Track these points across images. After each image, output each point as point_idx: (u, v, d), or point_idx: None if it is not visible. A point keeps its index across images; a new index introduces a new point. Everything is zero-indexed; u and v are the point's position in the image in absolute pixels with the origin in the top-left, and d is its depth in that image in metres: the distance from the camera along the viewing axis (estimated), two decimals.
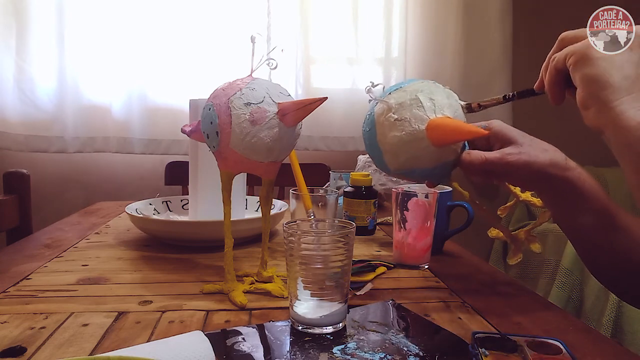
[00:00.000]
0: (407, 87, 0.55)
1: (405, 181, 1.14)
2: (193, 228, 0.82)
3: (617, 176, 1.91)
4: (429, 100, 0.53)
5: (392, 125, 0.53)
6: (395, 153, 0.54)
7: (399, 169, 0.56)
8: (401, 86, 0.56)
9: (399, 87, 0.56)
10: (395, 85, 0.57)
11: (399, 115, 0.53)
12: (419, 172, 0.55)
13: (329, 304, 0.48)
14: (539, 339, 0.45)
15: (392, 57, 1.85)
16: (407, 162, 0.54)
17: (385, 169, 0.57)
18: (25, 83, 1.65)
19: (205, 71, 1.71)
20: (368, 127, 0.57)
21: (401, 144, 0.53)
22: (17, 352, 0.44)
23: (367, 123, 0.57)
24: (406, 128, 0.52)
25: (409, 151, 0.53)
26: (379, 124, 0.55)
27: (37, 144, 1.67)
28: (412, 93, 0.54)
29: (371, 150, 0.57)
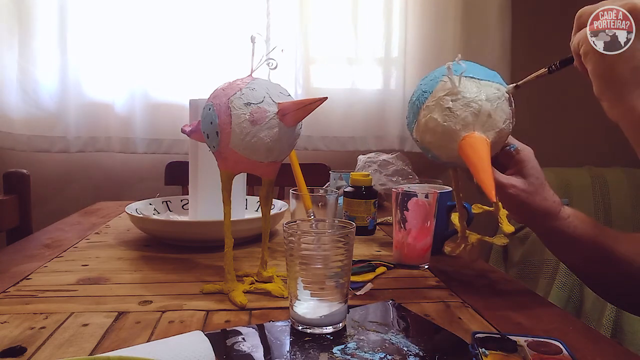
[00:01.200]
0: (483, 83, 0.54)
1: (405, 181, 1.14)
2: (193, 228, 0.82)
3: (617, 176, 1.91)
4: (487, 115, 0.52)
5: (441, 108, 0.53)
6: (424, 131, 0.55)
7: (418, 140, 0.58)
8: (480, 78, 0.54)
9: (478, 78, 0.54)
10: (479, 68, 0.55)
11: (453, 106, 0.52)
12: (432, 156, 0.58)
13: (329, 304, 0.48)
14: (539, 339, 0.45)
15: (391, 57, 1.85)
16: (428, 144, 0.56)
17: (409, 127, 0.59)
18: (28, 83, 1.66)
19: (205, 71, 1.72)
20: (425, 87, 0.56)
21: (434, 130, 0.54)
22: (17, 352, 0.44)
23: (428, 83, 0.56)
24: (448, 121, 0.53)
25: (435, 137, 0.54)
26: (434, 96, 0.54)
27: (40, 144, 1.68)
28: (480, 94, 0.53)
29: (411, 108, 0.57)
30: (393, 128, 1.85)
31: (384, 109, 1.85)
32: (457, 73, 0.53)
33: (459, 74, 0.53)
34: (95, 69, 1.70)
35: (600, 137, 1.90)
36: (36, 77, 1.66)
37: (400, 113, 1.84)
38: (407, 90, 1.85)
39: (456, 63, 0.53)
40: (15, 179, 1.08)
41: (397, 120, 1.84)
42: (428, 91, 0.55)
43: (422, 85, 0.57)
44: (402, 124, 1.84)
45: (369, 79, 1.85)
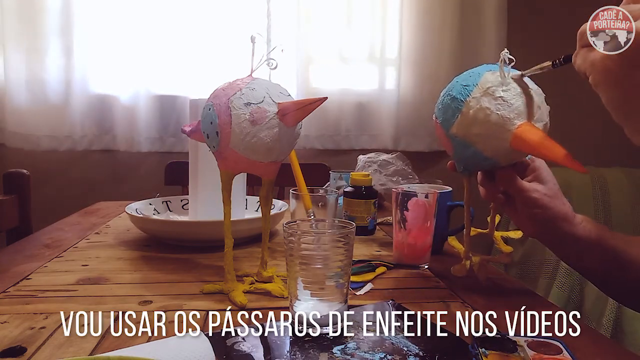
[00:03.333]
0: (527, 79, 0.54)
1: (405, 182, 1.14)
2: (193, 228, 0.82)
3: (617, 176, 1.91)
4: (537, 107, 0.52)
5: (492, 99, 0.51)
6: (472, 123, 0.52)
7: (459, 136, 0.54)
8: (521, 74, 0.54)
9: (519, 74, 0.53)
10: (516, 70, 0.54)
11: (505, 95, 0.51)
12: (473, 151, 0.54)
13: (329, 304, 0.48)
14: (539, 339, 0.45)
15: (388, 58, 1.86)
16: (474, 137, 0.53)
17: (446, 124, 0.55)
18: (35, 84, 1.70)
19: (206, 71, 1.72)
20: (466, 82, 0.54)
21: (485, 120, 0.51)
22: (17, 352, 0.44)
23: (467, 78, 0.54)
24: (502, 111, 0.51)
25: (485, 130, 0.52)
26: (480, 88, 0.52)
27: (48, 143, 1.72)
28: (530, 87, 0.52)
29: (451, 103, 0.54)
30: (387, 127, 1.87)
31: (379, 108, 1.86)
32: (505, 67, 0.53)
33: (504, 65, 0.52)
34: (100, 67, 1.74)
35: (600, 137, 1.90)
36: (43, 77, 1.70)
37: (394, 113, 1.85)
38: (402, 90, 1.86)
39: (507, 54, 0.53)
40: (15, 179, 1.08)
41: (391, 120, 1.86)
42: (471, 84, 0.53)
43: (459, 81, 0.55)
44: (396, 123, 1.87)
45: (365, 78, 1.86)
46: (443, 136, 0.57)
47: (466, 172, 0.59)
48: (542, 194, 0.56)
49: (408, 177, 1.16)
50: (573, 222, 0.58)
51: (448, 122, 0.55)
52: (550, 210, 0.57)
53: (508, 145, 0.51)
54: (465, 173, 0.59)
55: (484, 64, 0.56)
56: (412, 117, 1.87)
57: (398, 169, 1.18)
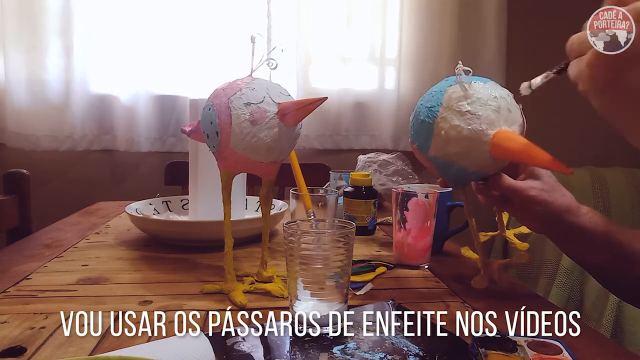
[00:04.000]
0: (490, 85, 0.53)
1: (405, 182, 1.14)
2: (193, 228, 0.82)
3: (617, 176, 1.91)
4: (507, 110, 0.51)
5: (459, 115, 0.51)
6: (446, 143, 0.52)
7: (439, 158, 0.54)
8: (483, 82, 0.54)
9: (481, 82, 0.54)
10: (477, 78, 0.54)
11: (472, 108, 0.51)
12: (457, 169, 0.54)
13: (329, 304, 0.48)
14: (539, 339, 0.45)
15: (387, 58, 1.86)
16: (453, 156, 0.53)
17: (422, 148, 0.55)
18: (36, 84, 1.70)
19: (206, 71, 1.73)
20: (430, 103, 0.53)
21: (458, 137, 0.51)
22: (17, 352, 0.44)
23: (431, 99, 0.54)
24: (473, 125, 0.50)
25: (462, 148, 0.51)
26: (445, 107, 0.52)
27: (48, 143, 1.72)
28: (494, 92, 0.52)
29: (421, 127, 0.54)
30: (387, 127, 1.87)
31: (379, 108, 1.86)
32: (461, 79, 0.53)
33: (464, 80, 0.52)
34: (100, 67, 1.74)
35: (600, 137, 1.90)
36: (43, 77, 1.70)
37: (394, 113, 1.85)
38: (402, 90, 1.86)
39: (461, 68, 0.53)
40: (15, 179, 1.08)
41: (391, 119, 1.86)
42: (435, 105, 0.53)
43: (424, 103, 0.55)
44: (395, 123, 1.87)
45: (365, 78, 1.86)
46: (424, 159, 0.57)
47: (459, 186, 0.59)
48: (539, 190, 0.55)
49: (408, 177, 1.16)
50: (578, 212, 0.56)
51: (423, 146, 0.55)
52: (551, 204, 0.55)
53: (488, 155, 0.51)
54: (458, 187, 0.59)
55: (443, 80, 0.56)
56: None
57: (398, 169, 1.18)
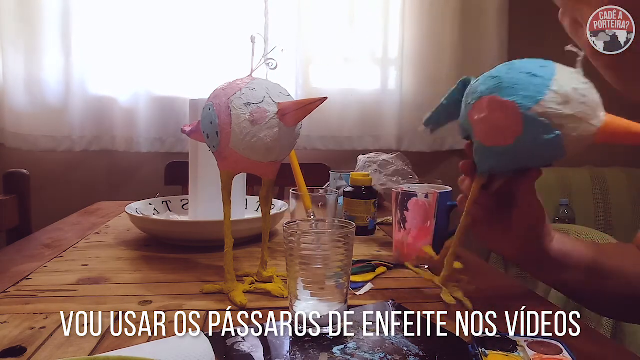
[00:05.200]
0: None
1: (405, 182, 1.14)
2: (193, 228, 0.82)
3: (617, 176, 1.91)
4: None
5: (581, 82, 0.47)
6: (565, 101, 0.46)
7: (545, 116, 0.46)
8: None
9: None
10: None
11: (588, 82, 0.47)
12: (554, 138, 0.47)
13: (329, 304, 0.48)
14: (539, 339, 0.45)
15: (389, 58, 1.86)
16: (564, 119, 0.46)
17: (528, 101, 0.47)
18: (34, 84, 1.69)
19: (206, 71, 1.72)
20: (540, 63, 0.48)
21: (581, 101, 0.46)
22: (17, 352, 0.44)
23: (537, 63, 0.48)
24: (593, 96, 0.46)
25: (579, 113, 0.46)
26: (562, 70, 0.47)
27: (46, 144, 1.72)
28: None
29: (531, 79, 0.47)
30: (390, 128, 1.86)
31: (382, 108, 1.86)
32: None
33: None
34: (99, 68, 1.73)
35: None
36: (42, 78, 1.70)
37: (397, 113, 1.85)
38: (404, 90, 1.86)
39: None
40: (15, 179, 1.08)
41: (394, 120, 1.85)
42: (549, 66, 0.48)
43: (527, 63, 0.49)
44: (399, 123, 1.86)
45: (367, 79, 1.86)
46: (513, 116, 0.47)
47: (485, 174, 0.54)
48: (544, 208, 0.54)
49: (408, 177, 1.16)
50: (552, 238, 0.56)
51: (531, 100, 0.46)
52: (545, 226, 0.55)
53: (594, 132, 0.46)
54: (484, 175, 0.54)
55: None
56: (415, 117, 1.87)
57: (398, 169, 1.18)
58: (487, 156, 0.52)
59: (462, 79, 0.54)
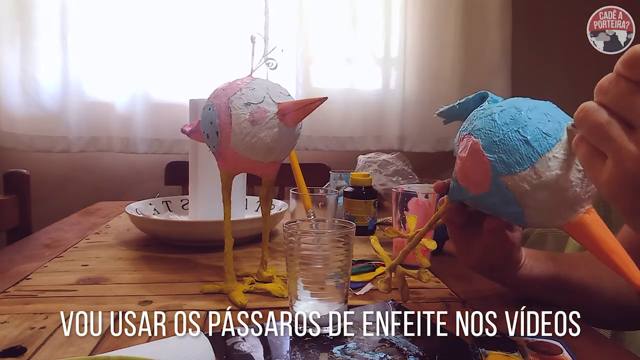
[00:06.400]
0: None
1: (404, 181, 1.14)
2: (193, 228, 0.82)
3: None
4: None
5: (573, 169, 0.40)
6: (541, 187, 0.41)
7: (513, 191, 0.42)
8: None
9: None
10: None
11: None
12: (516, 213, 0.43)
13: (329, 304, 0.48)
14: (539, 339, 0.45)
15: (391, 58, 1.85)
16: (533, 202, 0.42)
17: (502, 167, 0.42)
18: (29, 84, 1.67)
19: (205, 71, 1.72)
20: (546, 128, 0.41)
21: (559, 191, 0.40)
22: (17, 352, 0.44)
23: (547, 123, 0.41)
24: (580, 188, 0.41)
25: (553, 204, 0.41)
26: (562, 147, 0.40)
27: (42, 144, 1.69)
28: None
29: (521, 145, 0.41)
30: (392, 128, 1.85)
31: (384, 109, 1.85)
32: None
33: None
34: (96, 69, 1.70)
35: None
36: (38, 77, 1.67)
37: (399, 113, 1.84)
38: (407, 90, 1.85)
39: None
40: (15, 178, 1.08)
41: (396, 120, 1.84)
42: (552, 135, 0.40)
43: (535, 120, 0.41)
44: (401, 123, 1.85)
45: (368, 79, 1.85)
46: (483, 173, 0.43)
47: (455, 202, 0.51)
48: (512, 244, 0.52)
49: (408, 177, 1.16)
50: (521, 265, 0.55)
51: (507, 167, 0.41)
52: (511, 259, 0.54)
53: (562, 224, 0.42)
54: (454, 203, 0.51)
55: (551, 103, 0.45)
56: (417, 117, 1.86)
57: (398, 169, 1.18)
58: (458, 190, 0.49)
59: (481, 94, 0.49)
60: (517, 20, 1.92)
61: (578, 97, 0.39)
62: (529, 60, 1.97)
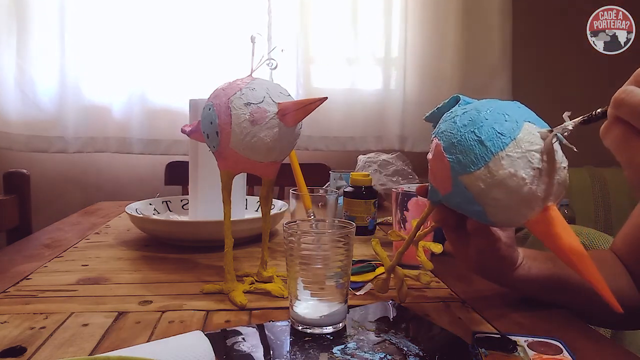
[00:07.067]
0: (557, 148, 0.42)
1: (404, 181, 1.14)
2: (193, 228, 0.82)
3: (617, 176, 1.91)
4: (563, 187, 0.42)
5: (528, 165, 0.40)
6: (495, 185, 0.41)
7: (471, 190, 0.42)
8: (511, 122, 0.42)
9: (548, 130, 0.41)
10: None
11: (542, 167, 0.40)
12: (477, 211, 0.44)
13: (329, 304, 0.48)
14: (539, 339, 0.45)
15: (391, 57, 1.85)
16: (489, 200, 0.42)
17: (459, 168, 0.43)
18: (26, 84, 1.65)
19: (205, 71, 1.71)
20: (501, 128, 0.41)
21: (514, 190, 0.40)
22: (17, 352, 0.44)
23: (503, 123, 0.41)
24: (536, 186, 0.40)
25: (509, 201, 0.41)
26: (518, 146, 0.40)
27: (38, 144, 1.67)
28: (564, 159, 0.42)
29: (476, 145, 0.41)
30: (393, 128, 1.85)
31: (384, 109, 1.85)
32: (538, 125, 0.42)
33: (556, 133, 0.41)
34: (93, 69, 1.69)
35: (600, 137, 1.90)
36: (34, 77, 1.65)
37: (400, 113, 1.84)
38: (407, 90, 1.85)
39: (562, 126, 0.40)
40: (15, 179, 1.08)
41: (396, 120, 1.84)
42: (506, 134, 0.41)
43: (491, 120, 0.42)
44: (401, 123, 1.85)
45: (368, 79, 1.85)
46: (445, 174, 0.44)
47: (435, 204, 0.51)
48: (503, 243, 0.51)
49: (408, 177, 1.16)
50: (517, 266, 0.55)
51: (463, 167, 0.42)
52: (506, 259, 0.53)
53: (523, 222, 0.42)
54: (435, 204, 0.51)
55: (517, 103, 0.45)
56: (418, 117, 1.86)
57: (398, 169, 1.18)
58: (433, 192, 0.49)
59: (455, 97, 0.49)
60: (518, 20, 1.92)
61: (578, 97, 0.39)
62: (529, 61, 1.97)
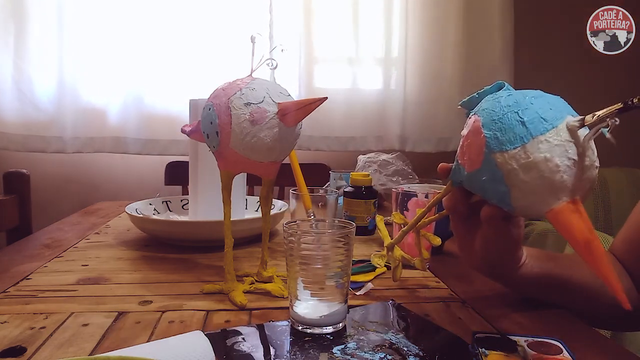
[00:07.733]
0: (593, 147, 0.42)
1: (404, 181, 1.14)
2: (193, 228, 0.82)
3: (618, 176, 1.91)
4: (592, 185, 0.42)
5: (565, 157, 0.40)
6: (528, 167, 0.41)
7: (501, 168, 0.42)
8: None
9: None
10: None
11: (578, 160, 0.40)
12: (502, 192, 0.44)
13: (329, 304, 0.48)
14: (539, 339, 0.45)
15: (392, 57, 1.85)
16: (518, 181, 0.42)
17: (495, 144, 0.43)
18: (23, 83, 1.65)
19: (205, 71, 1.71)
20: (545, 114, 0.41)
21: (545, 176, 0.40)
22: (17, 352, 0.44)
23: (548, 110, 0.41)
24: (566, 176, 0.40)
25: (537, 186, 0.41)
26: (558, 134, 0.40)
27: (36, 144, 1.67)
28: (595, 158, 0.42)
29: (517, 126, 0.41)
30: (393, 128, 1.85)
31: (384, 109, 1.85)
32: None
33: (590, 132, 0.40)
34: (91, 70, 1.69)
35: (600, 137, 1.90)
36: (32, 77, 1.65)
37: (400, 113, 1.84)
38: (408, 90, 1.85)
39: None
40: (15, 178, 1.08)
41: (397, 120, 1.84)
42: (549, 121, 0.41)
43: (537, 106, 0.42)
44: (402, 123, 1.85)
45: (369, 79, 1.85)
46: (478, 149, 0.44)
47: (456, 184, 0.51)
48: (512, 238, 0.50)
49: (408, 177, 1.16)
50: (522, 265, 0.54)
51: (499, 145, 0.42)
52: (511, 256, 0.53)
53: (545, 211, 0.42)
54: (455, 185, 0.51)
55: (561, 98, 0.44)
56: (418, 117, 1.86)
57: (398, 169, 1.18)
58: (458, 171, 0.49)
59: (499, 84, 0.50)
60: (518, 20, 1.92)
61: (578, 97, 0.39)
62: (530, 61, 1.97)
